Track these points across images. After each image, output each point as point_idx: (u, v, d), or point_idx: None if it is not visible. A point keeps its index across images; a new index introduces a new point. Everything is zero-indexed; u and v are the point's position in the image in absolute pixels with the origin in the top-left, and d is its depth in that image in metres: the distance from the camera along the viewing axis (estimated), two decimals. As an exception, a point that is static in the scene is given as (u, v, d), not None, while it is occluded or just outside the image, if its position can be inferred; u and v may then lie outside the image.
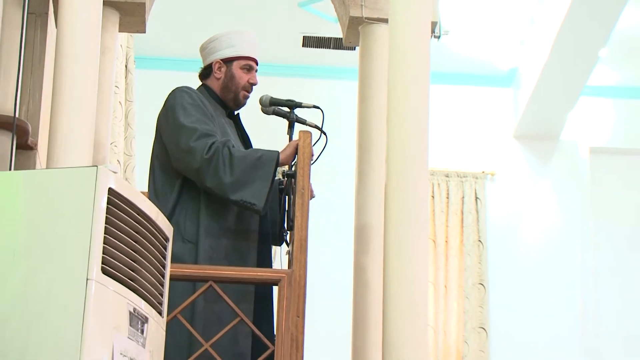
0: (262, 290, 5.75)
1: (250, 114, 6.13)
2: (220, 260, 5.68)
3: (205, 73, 6.11)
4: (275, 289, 5.37)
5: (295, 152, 5.67)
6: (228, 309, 5.28)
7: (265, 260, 5.93)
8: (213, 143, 5.59)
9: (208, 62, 6.08)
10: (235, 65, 6.02)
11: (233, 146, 5.66)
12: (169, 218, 5.56)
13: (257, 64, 6.12)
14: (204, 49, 6.14)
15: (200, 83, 6.14)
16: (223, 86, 6.02)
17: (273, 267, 6.05)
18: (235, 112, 6.10)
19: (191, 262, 5.60)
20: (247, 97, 6.06)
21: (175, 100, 5.81)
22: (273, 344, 5.18)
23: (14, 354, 3.97)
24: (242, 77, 6.01)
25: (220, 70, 6.03)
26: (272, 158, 5.65)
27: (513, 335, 12.55)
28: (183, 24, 10.65)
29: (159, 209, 5.40)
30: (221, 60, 6.03)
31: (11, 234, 4.11)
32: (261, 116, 6.05)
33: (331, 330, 8.17)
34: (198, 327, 5.35)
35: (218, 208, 5.76)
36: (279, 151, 5.73)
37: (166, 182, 5.76)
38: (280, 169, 5.98)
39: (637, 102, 13.22)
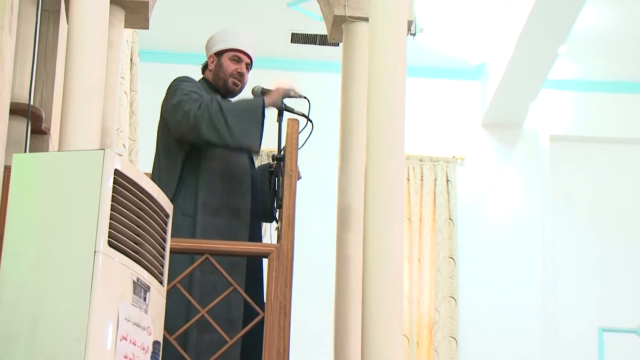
0: (253, 263, 5.76)
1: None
2: (215, 233, 5.71)
3: (204, 68, 6.18)
4: (265, 261, 5.37)
5: (282, 96, 5.84)
6: (222, 279, 5.29)
7: (256, 235, 5.96)
8: (201, 103, 5.67)
9: (209, 52, 6.15)
10: (225, 56, 6.09)
11: (219, 100, 5.77)
12: (172, 196, 5.60)
13: (250, 59, 6.16)
14: (205, 48, 6.22)
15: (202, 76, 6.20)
16: (214, 75, 6.11)
17: (263, 242, 6.06)
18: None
19: (189, 235, 5.65)
20: (237, 85, 6.09)
21: (177, 85, 5.89)
22: (263, 311, 5.18)
23: (28, 318, 3.96)
24: (229, 66, 6.08)
25: (212, 63, 6.13)
26: (258, 104, 5.77)
27: (480, 303, 12.59)
28: (182, 22, 10.64)
29: (163, 189, 5.46)
30: (214, 54, 6.12)
31: (27, 211, 4.10)
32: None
33: (316, 299, 8.18)
34: (195, 296, 5.36)
35: (214, 187, 5.82)
36: (262, 99, 5.85)
37: (169, 164, 5.80)
38: (270, 153, 6.03)
39: (593, 94, 13.24)
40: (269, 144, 6.12)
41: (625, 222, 13.01)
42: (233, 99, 6.03)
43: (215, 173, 5.84)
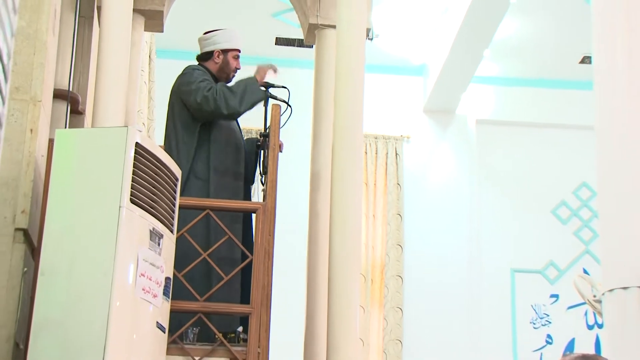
0: (249, 216, 5.78)
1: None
2: (223, 191, 5.74)
3: (205, 57, 6.12)
4: (254, 215, 5.38)
5: (263, 73, 5.95)
6: (229, 228, 5.30)
7: (248, 194, 5.99)
8: (217, 89, 5.74)
9: (209, 49, 6.10)
10: (229, 55, 6.09)
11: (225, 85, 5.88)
12: (188, 162, 5.63)
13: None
14: (204, 40, 6.15)
15: (197, 63, 6.16)
16: (219, 69, 6.06)
17: (252, 200, 6.07)
18: None
19: (203, 194, 5.67)
20: (233, 77, 6.12)
21: (190, 73, 5.90)
22: (252, 254, 5.20)
23: (67, 258, 3.97)
24: (233, 63, 6.10)
25: (219, 57, 6.07)
26: (254, 81, 5.89)
27: (421, 250, 12.61)
28: (188, 27, 10.60)
29: (181, 156, 5.63)
30: (221, 50, 6.06)
31: (66, 174, 4.10)
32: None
33: (293, 245, 8.19)
34: (212, 240, 5.38)
35: (221, 154, 5.83)
36: (255, 76, 5.96)
37: (187, 136, 5.78)
38: (258, 131, 6.07)
39: (510, 88, 13.27)
40: (256, 124, 6.13)
41: (533, 186, 13.07)
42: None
43: (221, 143, 5.85)
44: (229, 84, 5.94)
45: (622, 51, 7.61)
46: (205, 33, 6.20)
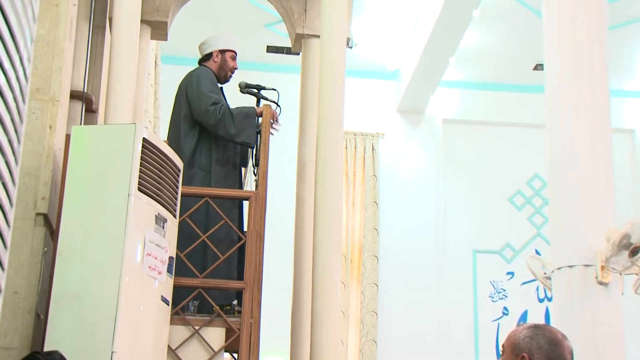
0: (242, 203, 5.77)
1: (232, 94, 6.09)
2: (223, 180, 5.72)
3: (205, 58, 6.07)
4: (246, 203, 5.38)
5: (268, 116, 5.70)
6: (226, 213, 5.29)
7: (241, 183, 5.97)
8: (221, 107, 5.63)
9: (208, 51, 6.05)
10: (227, 55, 6.06)
11: (229, 107, 5.73)
12: (191, 154, 5.60)
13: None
14: (204, 44, 6.12)
15: (198, 65, 6.11)
16: (219, 67, 6.02)
17: (245, 189, 6.05)
18: (220, 86, 6.07)
19: (205, 183, 5.63)
20: (231, 76, 6.08)
21: (200, 74, 5.86)
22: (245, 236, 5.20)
23: (81, 243, 3.96)
24: (230, 63, 6.06)
25: (217, 57, 6.03)
26: (253, 113, 5.74)
27: (394, 233, 12.63)
28: (189, 37, 10.57)
29: (184, 148, 5.58)
30: (219, 50, 6.03)
31: (81, 166, 4.10)
32: (240, 95, 6.05)
33: (281, 229, 8.15)
34: (212, 224, 5.36)
35: (222, 150, 5.79)
36: (255, 107, 5.83)
37: (189, 131, 5.74)
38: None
39: (472, 91, 13.27)
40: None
41: (492, 177, 13.09)
42: (235, 107, 5.93)
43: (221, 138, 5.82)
44: (235, 108, 5.85)
45: (570, 59, 7.62)
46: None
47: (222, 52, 6.05)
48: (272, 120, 5.69)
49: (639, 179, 13.26)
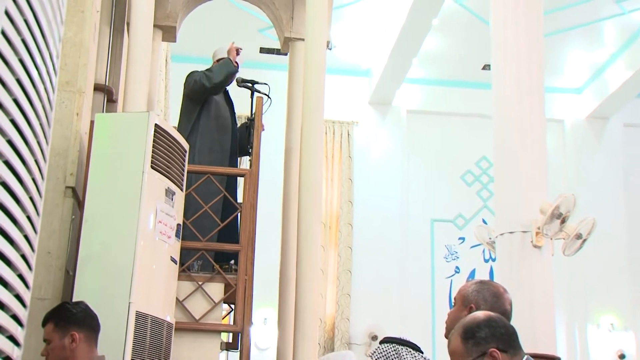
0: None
1: (230, 87, 6.05)
2: (224, 157, 5.66)
3: (217, 61, 6.00)
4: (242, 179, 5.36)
5: (233, 52, 5.79)
6: (225, 188, 5.28)
7: (235, 163, 5.92)
8: (200, 76, 5.66)
9: (219, 57, 5.97)
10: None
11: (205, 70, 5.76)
12: (190, 133, 5.55)
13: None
14: (216, 52, 6.04)
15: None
16: None
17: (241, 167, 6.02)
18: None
19: (206, 161, 5.58)
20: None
21: (192, 73, 5.81)
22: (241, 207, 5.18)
23: (104, 212, 3.94)
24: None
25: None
26: (227, 59, 5.76)
27: (366, 205, 12.67)
28: (193, 40, 10.51)
29: (185, 128, 5.55)
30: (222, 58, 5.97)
31: (103, 148, 4.07)
32: (237, 88, 6.00)
33: (271, 200, 8.13)
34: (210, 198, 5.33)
35: (217, 129, 5.72)
36: (228, 57, 5.81)
37: (189, 114, 5.69)
38: (246, 117, 5.98)
39: (432, 87, 13.31)
40: (245, 111, 6.07)
41: (447, 159, 13.13)
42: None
43: (212, 124, 5.74)
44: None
45: (512, 61, 7.64)
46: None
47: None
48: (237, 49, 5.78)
49: (567, 161, 13.34)
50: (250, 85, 5.97)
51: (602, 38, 12.08)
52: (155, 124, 4.10)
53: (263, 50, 12.29)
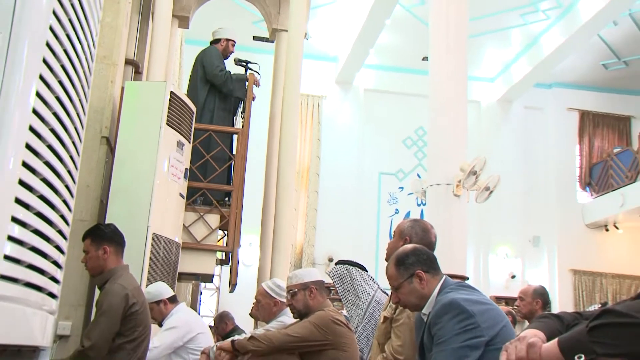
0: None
1: (229, 65, 5.96)
2: (223, 118, 5.58)
3: (215, 41, 5.84)
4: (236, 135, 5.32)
5: (253, 81, 5.52)
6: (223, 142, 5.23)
7: (233, 122, 5.85)
8: (226, 73, 5.51)
9: (218, 37, 5.83)
10: (229, 42, 5.84)
11: (231, 73, 5.57)
12: (204, 101, 5.45)
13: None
14: (216, 32, 5.88)
15: (209, 44, 5.90)
16: (223, 49, 5.79)
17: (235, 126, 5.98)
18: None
19: (209, 121, 5.48)
20: (229, 56, 5.89)
21: (212, 50, 5.68)
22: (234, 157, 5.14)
23: (130, 157, 3.91)
24: (230, 48, 5.84)
25: (224, 42, 5.81)
26: (244, 78, 5.58)
27: (330, 159, 12.65)
28: (203, 26, 10.33)
29: (199, 98, 5.43)
30: (225, 38, 5.83)
31: (130, 109, 4.02)
32: (234, 66, 5.91)
33: (257, 152, 8.10)
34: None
35: (222, 100, 5.63)
36: (246, 75, 5.65)
37: (202, 87, 5.56)
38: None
39: (384, 72, 13.20)
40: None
41: (393, 127, 13.12)
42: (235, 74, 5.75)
43: (220, 95, 5.66)
44: (233, 74, 5.63)
45: (444, 55, 7.64)
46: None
47: (227, 40, 5.89)
48: (255, 85, 5.60)
49: (482, 132, 13.44)
50: (244, 64, 5.89)
51: (510, 41, 12.22)
52: (171, 91, 4.06)
53: (255, 38, 12.07)
